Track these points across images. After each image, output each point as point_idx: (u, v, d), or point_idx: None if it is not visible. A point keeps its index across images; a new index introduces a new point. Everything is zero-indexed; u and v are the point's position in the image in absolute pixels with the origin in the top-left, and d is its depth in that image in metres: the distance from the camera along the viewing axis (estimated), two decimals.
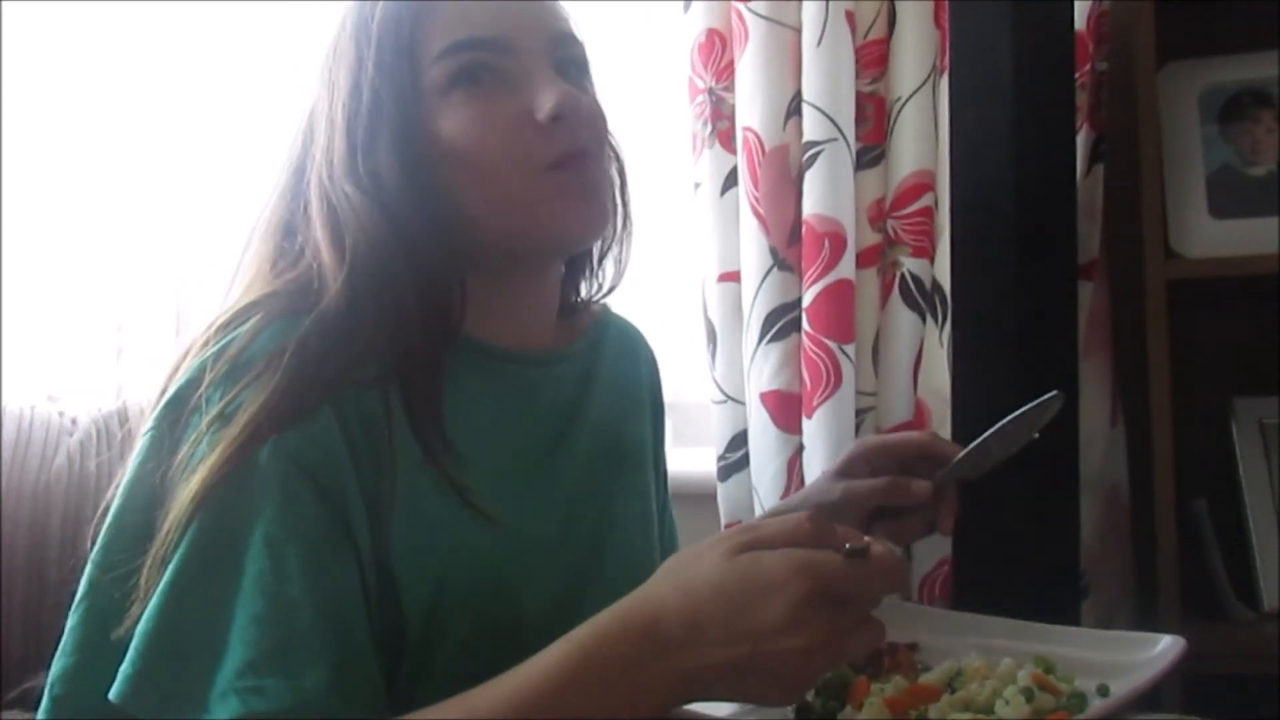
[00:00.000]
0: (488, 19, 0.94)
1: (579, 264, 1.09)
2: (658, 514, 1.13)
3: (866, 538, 0.72)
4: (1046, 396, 0.99)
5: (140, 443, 0.87)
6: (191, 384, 0.85)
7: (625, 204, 1.06)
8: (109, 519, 0.86)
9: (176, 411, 0.85)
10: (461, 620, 0.87)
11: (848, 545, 0.72)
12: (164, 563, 0.80)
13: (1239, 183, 1.45)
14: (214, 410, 0.82)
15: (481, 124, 0.92)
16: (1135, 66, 1.39)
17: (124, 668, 0.78)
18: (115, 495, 0.87)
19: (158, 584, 0.80)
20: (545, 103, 0.92)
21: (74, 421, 1.48)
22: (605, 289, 1.10)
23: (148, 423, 0.87)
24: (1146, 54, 1.39)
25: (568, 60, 0.97)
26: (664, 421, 1.18)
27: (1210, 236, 1.42)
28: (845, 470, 1.13)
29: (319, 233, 0.91)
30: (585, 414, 1.03)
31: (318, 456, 0.82)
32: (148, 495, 0.82)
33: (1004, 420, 1.03)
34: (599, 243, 1.06)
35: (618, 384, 1.09)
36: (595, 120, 0.97)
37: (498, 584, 0.89)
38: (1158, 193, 1.38)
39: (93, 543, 0.86)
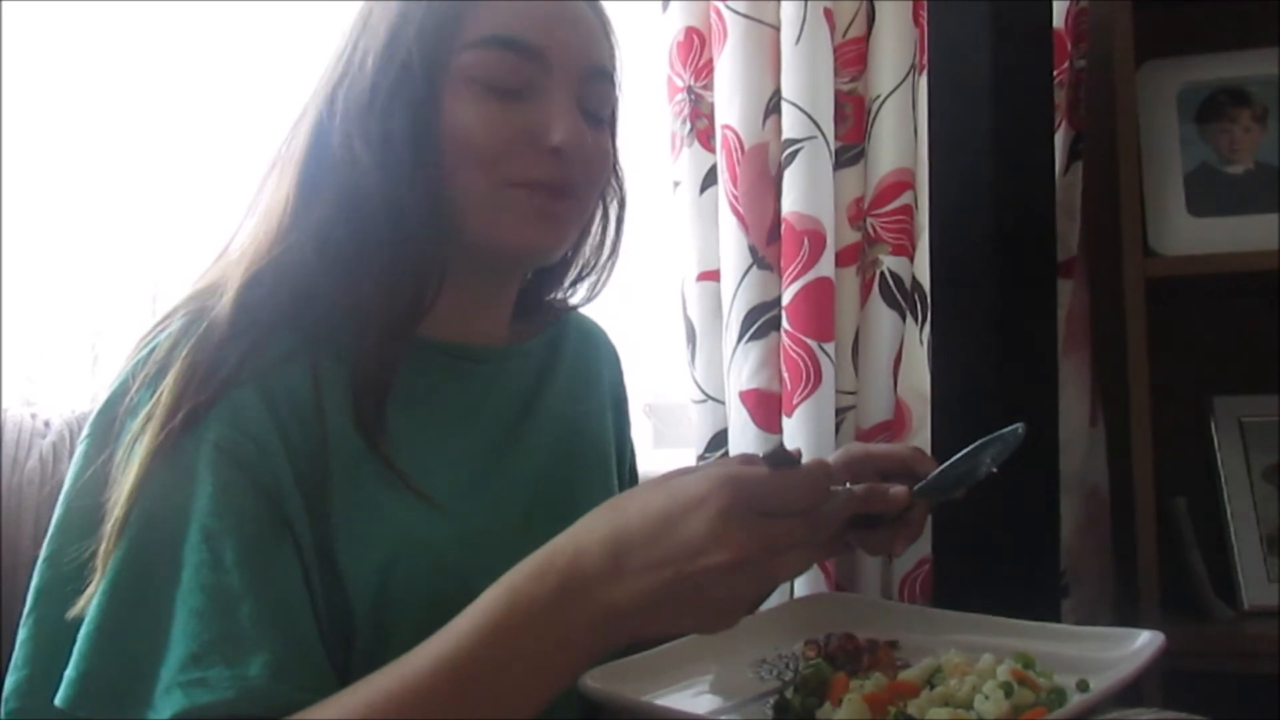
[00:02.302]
0: (534, 24, 0.93)
1: (551, 275, 1.09)
2: None
3: (794, 448, 0.73)
4: (1008, 431, 0.98)
5: (77, 450, 0.88)
6: (121, 388, 0.86)
7: (615, 238, 1.07)
8: (51, 530, 0.86)
9: (108, 417, 0.86)
10: (412, 609, 0.86)
11: (769, 451, 0.70)
12: (105, 564, 0.80)
13: (1217, 181, 1.46)
14: (144, 411, 0.83)
15: (488, 126, 0.92)
16: (1114, 65, 1.40)
17: (68, 673, 0.79)
18: (59, 503, 0.87)
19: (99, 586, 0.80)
20: (553, 132, 0.93)
21: (47, 424, 1.47)
22: (572, 303, 1.11)
23: (85, 429, 0.88)
24: (1125, 53, 1.40)
25: (593, 93, 0.97)
26: (628, 418, 1.19)
27: (1189, 235, 1.43)
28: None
29: (292, 175, 0.92)
30: (542, 409, 1.03)
31: (250, 449, 0.83)
32: (87, 503, 0.83)
33: (979, 442, 1.02)
34: (577, 265, 1.08)
35: (577, 380, 1.09)
36: (594, 162, 0.97)
37: (448, 573, 0.89)
38: (1136, 191, 1.39)
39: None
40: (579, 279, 1.09)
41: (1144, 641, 0.95)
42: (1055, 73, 1.38)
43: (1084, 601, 1.45)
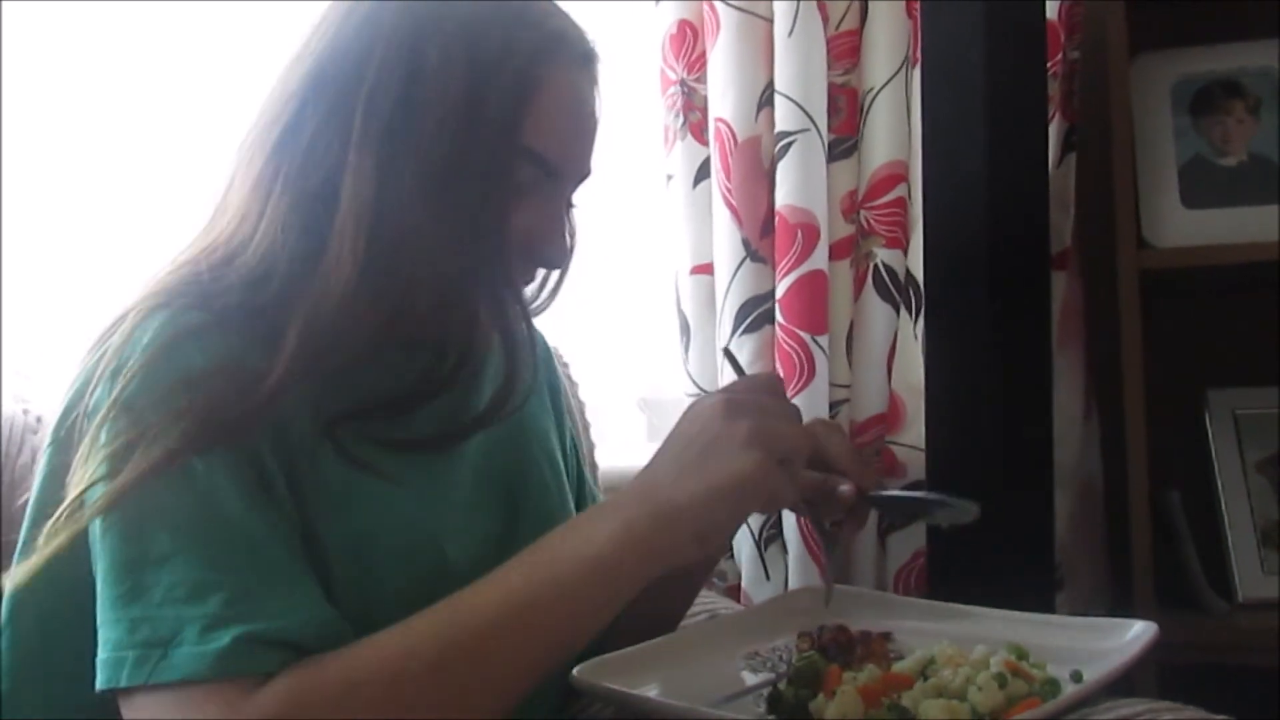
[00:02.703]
0: (564, 147, 0.93)
1: None
2: (576, 490, 1.15)
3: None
4: (968, 506, 0.98)
5: (42, 459, 0.87)
6: (79, 393, 0.85)
7: (558, 283, 1.06)
8: (21, 538, 0.86)
9: (67, 421, 0.85)
10: (392, 569, 0.87)
11: None
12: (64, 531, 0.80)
13: (1211, 173, 1.46)
14: (107, 403, 0.81)
15: (494, 220, 0.90)
16: (1108, 58, 1.40)
17: (100, 657, 0.78)
18: (25, 516, 0.87)
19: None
20: (543, 252, 0.95)
21: (39, 420, 1.47)
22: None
23: (47, 437, 0.87)
24: (1119, 45, 1.40)
25: (577, 188, 0.99)
26: (563, 403, 1.20)
27: (1182, 226, 1.43)
28: None
29: (290, 195, 0.88)
30: (479, 393, 1.02)
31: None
32: (54, 504, 0.82)
33: (925, 495, 1.03)
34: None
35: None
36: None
37: (420, 532, 0.90)
38: (1130, 183, 1.39)
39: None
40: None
41: (1137, 632, 0.94)
42: (1049, 65, 1.38)
43: (1078, 594, 1.46)
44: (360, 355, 0.87)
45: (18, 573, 0.81)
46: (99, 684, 0.77)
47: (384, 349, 0.90)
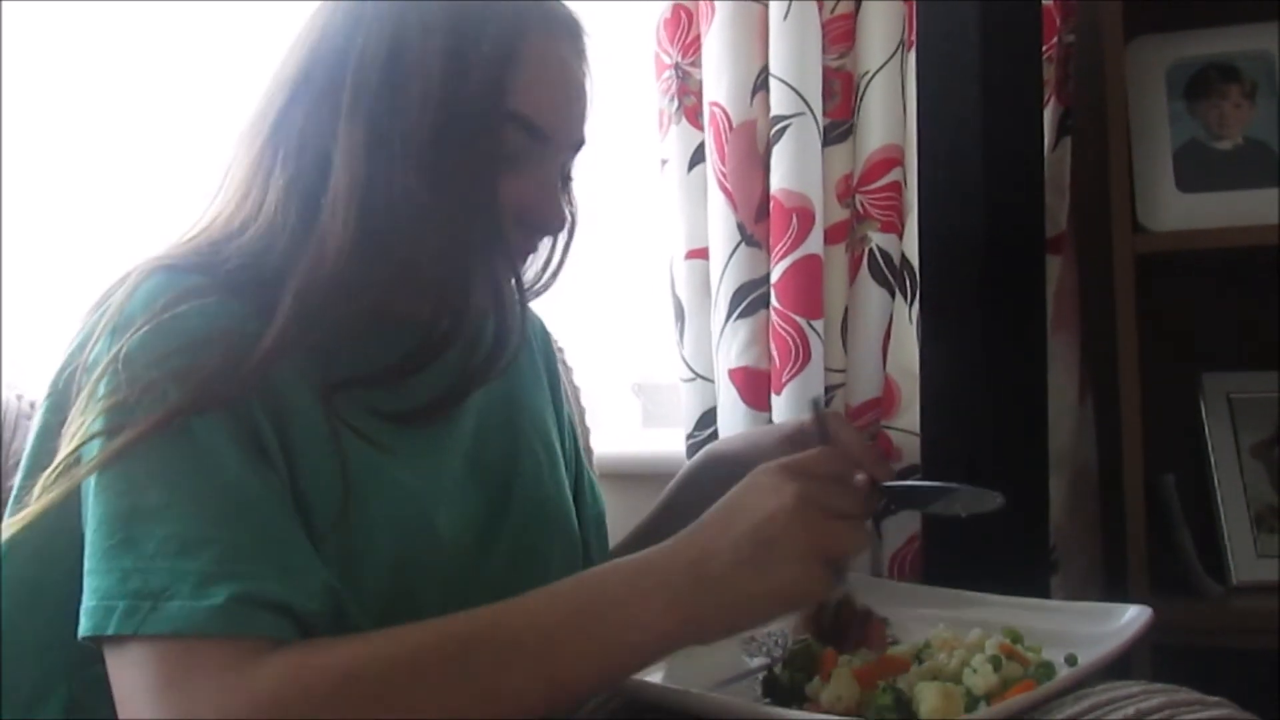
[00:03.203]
0: (554, 109, 0.95)
1: None
2: (574, 473, 1.16)
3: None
4: (991, 495, 0.98)
5: (37, 414, 0.89)
6: (79, 347, 0.87)
7: (560, 261, 1.07)
8: (14, 492, 0.87)
9: (65, 372, 0.87)
10: (381, 536, 0.88)
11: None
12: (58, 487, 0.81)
13: (1206, 157, 1.46)
14: (107, 358, 0.83)
15: (484, 187, 0.92)
16: (1103, 41, 1.40)
17: (85, 603, 0.78)
18: (19, 471, 0.88)
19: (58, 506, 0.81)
20: (540, 216, 0.96)
21: (33, 406, 1.47)
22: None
23: (45, 392, 0.89)
24: (1114, 28, 1.39)
25: (572, 159, 1.01)
26: (563, 392, 1.21)
27: (1178, 210, 1.43)
28: (794, 439, 1.14)
29: (340, 190, 0.89)
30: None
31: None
32: (50, 454, 0.83)
33: (949, 484, 1.03)
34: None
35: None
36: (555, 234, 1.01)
37: (410, 501, 0.91)
38: (1125, 167, 1.39)
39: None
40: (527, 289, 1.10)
41: (1131, 616, 0.95)
42: (1044, 48, 1.37)
43: (1073, 578, 1.46)
44: (355, 324, 0.89)
45: (11, 525, 0.82)
46: (83, 630, 0.78)
47: (379, 320, 0.92)
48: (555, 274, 1.07)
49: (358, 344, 0.91)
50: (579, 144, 1.00)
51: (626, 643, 0.79)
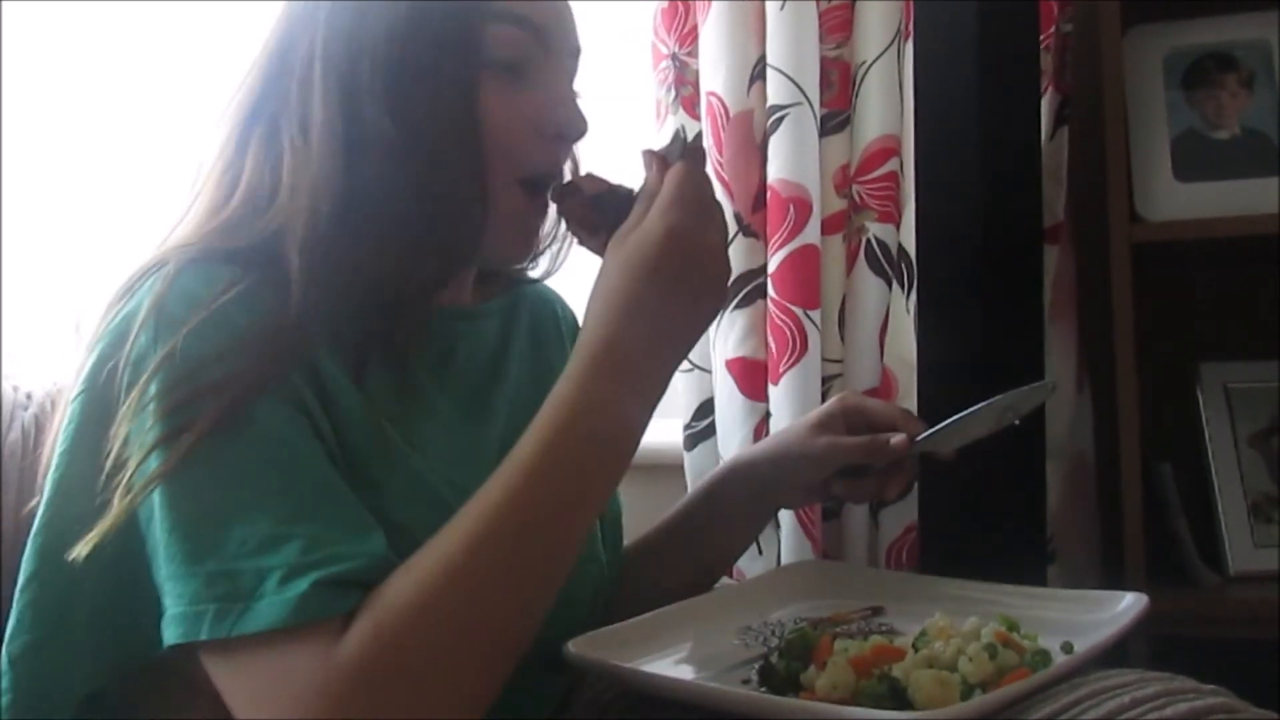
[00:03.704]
0: (546, 7, 0.94)
1: None
2: None
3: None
4: (1039, 384, 1.00)
5: (70, 409, 0.86)
6: (115, 340, 0.85)
7: (562, 247, 1.08)
8: (47, 493, 0.86)
9: (104, 370, 0.84)
10: (408, 536, 0.86)
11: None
12: (129, 491, 0.79)
13: (1203, 146, 1.46)
14: (155, 357, 0.81)
15: (508, 112, 0.92)
16: (1100, 30, 1.40)
17: (170, 612, 0.78)
18: (52, 467, 0.86)
19: (136, 517, 0.80)
20: (559, 120, 0.94)
21: (29, 396, 1.47)
22: (533, 275, 1.11)
23: (76, 387, 0.87)
24: (1112, 18, 1.39)
25: (574, 71, 0.99)
26: None
27: (1175, 200, 1.43)
28: (824, 424, 1.14)
29: (315, 165, 0.89)
30: (506, 371, 1.04)
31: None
32: (87, 460, 0.82)
33: (989, 401, 1.04)
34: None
35: (537, 344, 1.11)
36: (577, 142, 0.99)
37: (436, 503, 0.89)
38: (1122, 156, 1.39)
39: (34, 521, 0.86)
40: (543, 250, 1.09)
41: (1128, 604, 0.95)
42: (1041, 37, 1.37)
43: (1070, 567, 1.46)
44: (370, 288, 0.88)
45: (88, 541, 0.80)
46: (170, 639, 0.78)
47: (395, 291, 0.91)
48: (554, 262, 1.09)
49: (380, 321, 0.90)
50: (577, 50, 0.99)
51: (626, 423, 0.85)
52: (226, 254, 0.88)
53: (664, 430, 1.63)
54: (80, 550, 0.80)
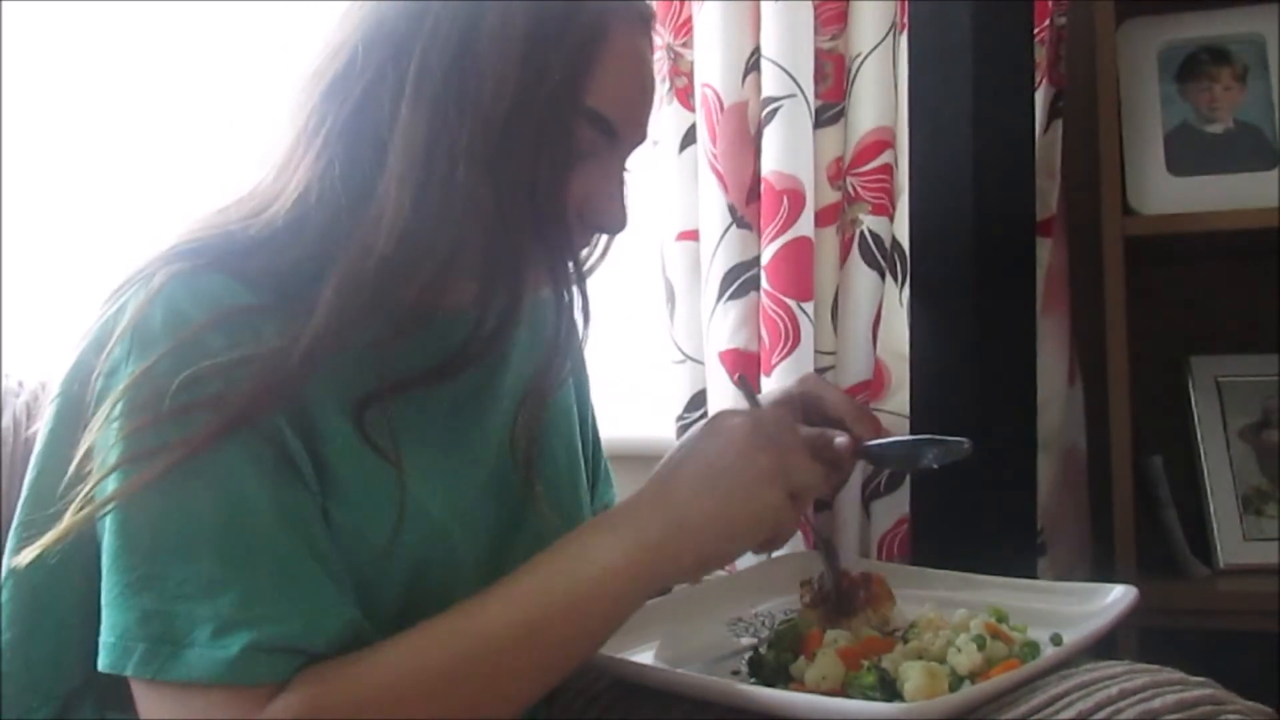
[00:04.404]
0: (628, 108, 0.91)
1: None
2: (591, 467, 1.14)
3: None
4: (958, 441, 1.01)
5: (49, 410, 0.86)
6: (94, 347, 0.83)
7: (606, 248, 1.04)
8: (24, 493, 0.86)
9: (80, 376, 0.83)
10: (402, 561, 0.87)
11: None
12: (81, 516, 0.78)
13: (1197, 140, 1.47)
14: (128, 374, 0.80)
15: (551, 184, 0.87)
16: (1095, 23, 1.40)
17: (104, 638, 0.78)
18: (30, 466, 0.86)
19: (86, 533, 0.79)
20: (602, 215, 0.92)
21: (20, 384, 1.47)
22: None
23: (55, 390, 0.86)
24: (1106, 11, 1.39)
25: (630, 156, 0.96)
26: (586, 380, 1.18)
27: (1168, 193, 1.44)
28: (779, 405, 1.14)
29: (395, 175, 0.83)
30: (507, 367, 1.02)
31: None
32: (60, 465, 0.81)
33: (918, 437, 1.05)
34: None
35: (537, 341, 1.09)
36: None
37: (431, 524, 0.89)
38: (1116, 149, 1.39)
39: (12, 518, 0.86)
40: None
41: (1117, 596, 0.96)
42: (1036, 31, 1.37)
43: (1061, 560, 1.47)
44: (397, 324, 0.86)
45: (30, 551, 0.79)
46: (102, 664, 0.78)
47: (420, 321, 0.88)
48: (602, 257, 1.04)
49: (397, 351, 0.87)
50: (643, 139, 0.95)
51: (605, 592, 0.81)
52: (231, 260, 0.84)
53: (657, 422, 1.64)
54: (24, 558, 0.79)
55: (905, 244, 1.42)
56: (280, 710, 0.75)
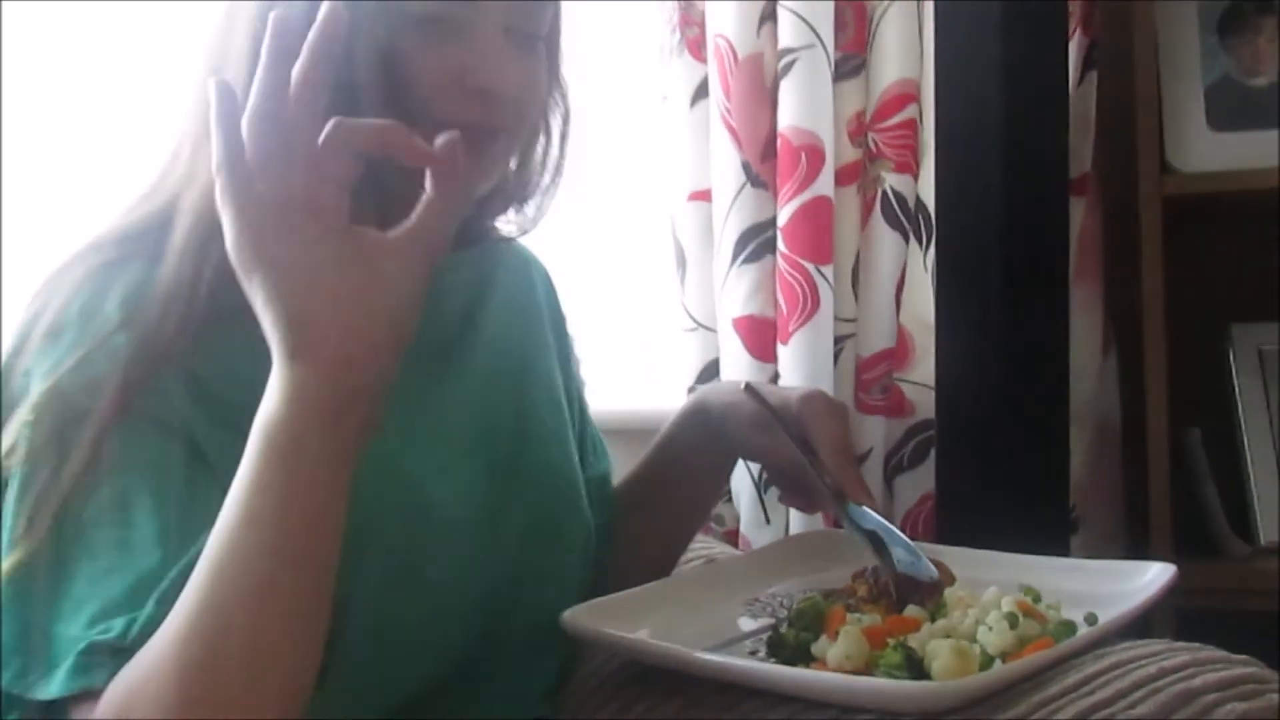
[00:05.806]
0: None
1: (487, 197, 1.06)
2: (580, 429, 1.14)
3: None
4: (929, 567, 0.98)
5: None
6: (20, 342, 0.86)
7: (558, 156, 1.04)
8: None
9: (5, 369, 0.86)
10: (376, 522, 0.86)
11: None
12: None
13: (1239, 94, 1.46)
14: (42, 380, 0.83)
15: (417, 65, 0.89)
16: None
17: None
18: None
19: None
20: (480, 72, 0.90)
21: None
22: (510, 234, 1.09)
23: None
24: None
25: (523, 13, 0.94)
26: (569, 344, 1.18)
27: (1208, 150, 1.44)
28: (782, 411, 1.10)
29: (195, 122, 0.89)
30: (480, 326, 1.03)
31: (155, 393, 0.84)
32: None
33: (900, 534, 1.02)
34: (518, 186, 1.05)
35: (513, 301, 1.09)
36: (524, 96, 0.95)
37: (393, 471, 0.89)
38: (1154, 104, 1.39)
39: None
40: (520, 200, 1.07)
41: (1154, 574, 0.96)
42: None
43: (1094, 537, 1.47)
44: None
45: None
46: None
47: None
48: (556, 171, 1.04)
49: None
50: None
51: (306, 447, 0.75)
52: (141, 245, 0.88)
53: (667, 392, 1.64)
54: None
55: (930, 204, 1.42)
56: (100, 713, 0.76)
